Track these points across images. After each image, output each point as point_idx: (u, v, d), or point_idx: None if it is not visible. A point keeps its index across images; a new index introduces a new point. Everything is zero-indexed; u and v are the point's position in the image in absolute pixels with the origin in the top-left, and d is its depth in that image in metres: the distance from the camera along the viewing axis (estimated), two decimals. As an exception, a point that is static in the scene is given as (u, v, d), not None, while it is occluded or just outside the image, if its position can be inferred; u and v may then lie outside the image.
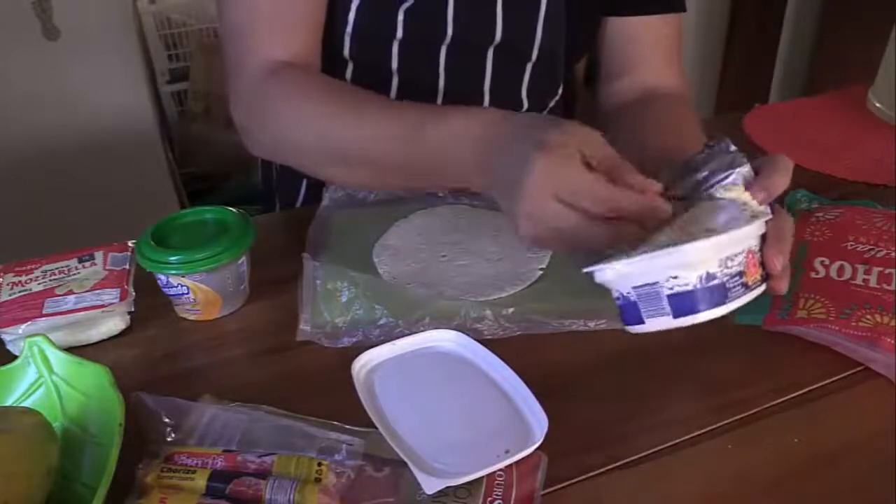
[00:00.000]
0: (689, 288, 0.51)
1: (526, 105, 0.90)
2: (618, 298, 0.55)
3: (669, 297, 0.51)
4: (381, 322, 0.68)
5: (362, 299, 0.69)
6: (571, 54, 0.91)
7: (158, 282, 0.69)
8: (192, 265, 0.67)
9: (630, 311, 0.54)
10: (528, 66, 0.87)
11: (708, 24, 2.40)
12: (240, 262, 0.70)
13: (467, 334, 0.65)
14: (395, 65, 0.84)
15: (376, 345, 0.64)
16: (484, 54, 0.85)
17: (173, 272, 0.67)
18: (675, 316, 0.52)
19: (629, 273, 0.52)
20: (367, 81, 0.76)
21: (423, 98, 0.75)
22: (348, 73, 0.86)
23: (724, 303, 0.52)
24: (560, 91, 0.93)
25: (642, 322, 0.54)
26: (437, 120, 0.62)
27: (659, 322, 0.53)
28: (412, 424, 0.57)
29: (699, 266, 0.51)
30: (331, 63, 0.84)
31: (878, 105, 1.04)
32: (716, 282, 0.51)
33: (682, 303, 0.51)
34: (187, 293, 0.69)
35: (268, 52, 0.74)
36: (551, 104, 0.94)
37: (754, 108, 1.10)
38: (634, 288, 0.52)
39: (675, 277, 0.50)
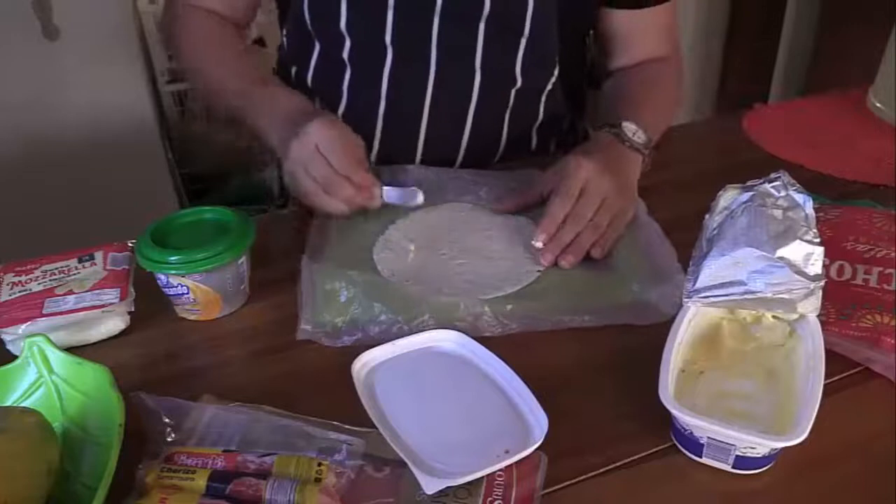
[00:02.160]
0: (758, 455, 0.53)
1: (520, 83, 0.90)
2: (684, 429, 0.55)
3: (738, 456, 0.53)
4: (381, 318, 0.68)
5: (361, 298, 0.69)
6: (565, 33, 0.91)
7: (158, 282, 0.69)
8: (191, 265, 0.67)
9: (690, 443, 0.55)
10: (522, 42, 0.88)
11: (708, 24, 2.40)
12: (240, 262, 0.70)
13: (465, 332, 0.65)
14: (388, 37, 0.86)
15: (377, 343, 0.64)
16: (476, 27, 0.86)
17: (173, 272, 0.67)
18: (734, 468, 0.54)
19: (714, 431, 0.53)
20: (364, 57, 0.88)
21: (416, 76, 0.87)
22: (346, 51, 0.88)
23: (772, 462, 0.54)
24: (556, 72, 0.93)
25: (699, 456, 0.55)
26: (267, 96, 0.85)
27: (714, 463, 0.55)
28: (412, 424, 0.57)
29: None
30: (329, 38, 0.88)
31: (878, 105, 1.04)
32: (777, 450, 0.54)
33: (746, 462, 0.54)
34: (187, 293, 0.68)
35: None
36: (549, 87, 0.94)
37: (754, 108, 1.10)
38: (709, 437, 0.53)
39: (754, 448, 0.52)
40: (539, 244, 0.74)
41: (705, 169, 0.94)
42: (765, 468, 0.54)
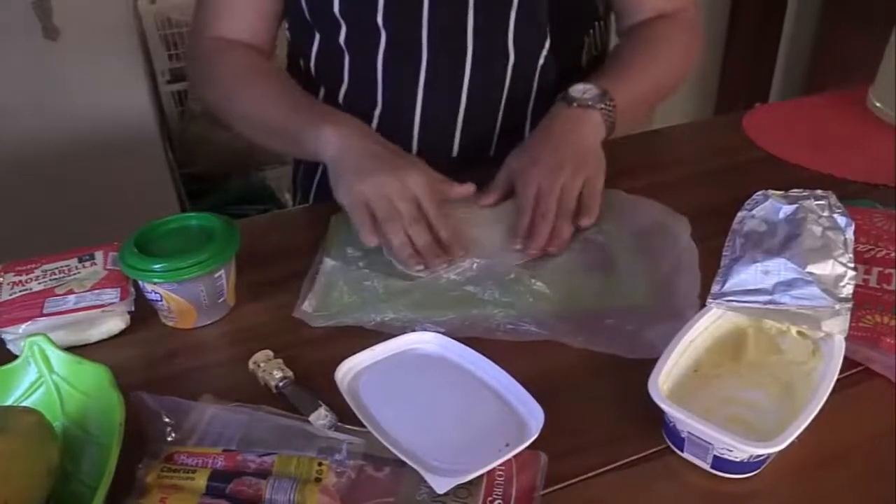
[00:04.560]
0: (737, 459, 0.53)
1: (513, 59, 0.90)
2: (668, 421, 0.55)
3: (716, 456, 0.53)
4: (385, 319, 0.68)
5: (373, 302, 0.70)
6: (555, 4, 0.91)
7: (140, 285, 0.69)
8: (152, 274, 0.66)
9: (674, 435, 0.55)
10: (512, 14, 0.87)
11: (708, 23, 2.39)
12: (216, 275, 0.68)
13: (455, 333, 0.65)
14: (380, 19, 0.86)
15: (371, 332, 0.64)
16: (465, 2, 0.86)
17: (143, 279, 0.67)
18: (713, 468, 0.54)
19: (691, 426, 0.53)
20: (359, 41, 0.89)
21: (409, 57, 0.88)
22: (342, 36, 0.89)
23: (756, 470, 0.54)
24: (547, 44, 0.92)
25: (681, 450, 0.55)
26: (311, 126, 0.80)
27: (695, 460, 0.55)
28: (408, 427, 0.57)
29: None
30: (326, 26, 0.89)
31: (878, 105, 1.04)
32: (762, 457, 0.53)
33: (725, 464, 0.53)
34: (161, 300, 0.68)
35: (217, 30, 0.91)
36: (541, 61, 0.93)
37: (754, 108, 1.10)
38: (689, 433, 0.53)
39: (731, 451, 0.52)
40: (518, 247, 0.76)
41: (705, 169, 0.94)
42: (749, 474, 0.54)
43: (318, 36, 0.92)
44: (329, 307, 0.70)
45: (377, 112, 0.93)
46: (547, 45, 0.92)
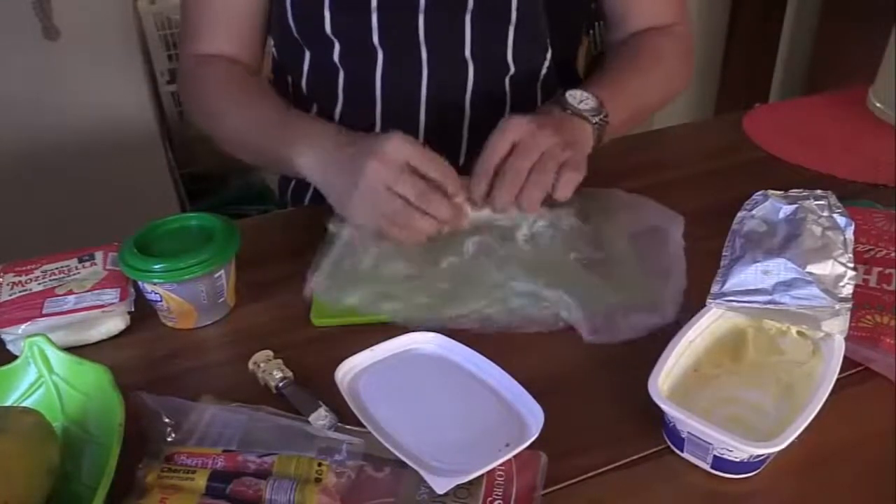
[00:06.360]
0: (737, 459, 0.53)
1: (513, 69, 0.90)
2: (668, 421, 0.55)
3: (716, 456, 0.53)
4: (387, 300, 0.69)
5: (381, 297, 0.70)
6: (554, 13, 0.90)
7: (139, 285, 0.69)
8: (152, 274, 0.66)
9: (674, 435, 0.55)
10: (511, 30, 0.87)
11: (708, 24, 2.40)
12: (216, 275, 0.68)
13: (453, 338, 0.65)
14: (376, 38, 0.85)
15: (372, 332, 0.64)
16: (461, 19, 0.85)
17: (143, 279, 0.67)
18: (713, 468, 0.54)
19: (691, 426, 0.52)
20: (355, 60, 0.87)
21: (409, 74, 0.86)
22: (336, 54, 0.87)
23: (756, 470, 0.54)
24: (549, 55, 0.92)
25: (681, 450, 0.55)
26: (288, 148, 0.77)
27: (694, 460, 0.55)
28: (408, 428, 0.57)
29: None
30: (317, 44, 0.87)
31: (878, 105, 1.04)
32: (762, 457, 0.53)
33: (725, 464, 0.53)
34: (160, 301, 0.68)
35: (199, 46, 0.90)
36: (543, 71, 0.93)
37: (754, 108, 1.10)
38: (689, 433, 0.53)
39: (731, 451, 0.52)
40: (458, 200, 0.70)
41: (705, 169, 0.94)
42: (749, 474, 0.54)
43: (308, 53, 0.90)
44: (340, 276, 0.70)
45: (377, 129, 0.91)
46: (549, 56, 0.92)
